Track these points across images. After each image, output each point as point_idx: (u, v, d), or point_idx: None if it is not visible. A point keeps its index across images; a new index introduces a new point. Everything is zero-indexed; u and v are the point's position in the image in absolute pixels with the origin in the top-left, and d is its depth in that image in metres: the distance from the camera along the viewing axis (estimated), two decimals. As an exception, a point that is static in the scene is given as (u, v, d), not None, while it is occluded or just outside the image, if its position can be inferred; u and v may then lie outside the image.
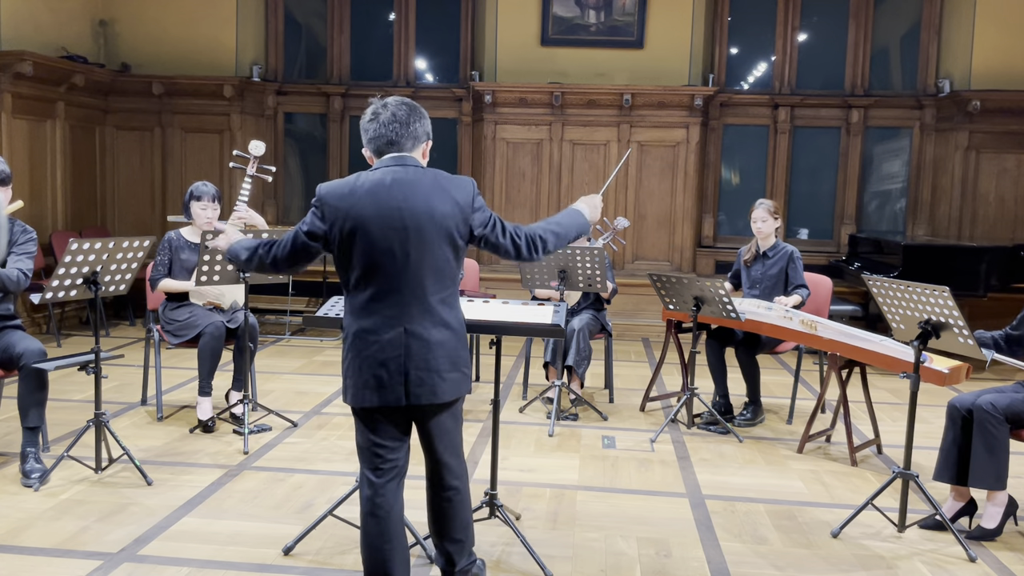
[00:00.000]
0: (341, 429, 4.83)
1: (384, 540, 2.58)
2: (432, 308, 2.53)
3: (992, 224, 8.11)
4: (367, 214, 2.48)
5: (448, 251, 2.54)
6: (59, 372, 3.98)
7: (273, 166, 5.35)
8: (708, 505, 3.84)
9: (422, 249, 2.49)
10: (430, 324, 2.53)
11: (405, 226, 2.47)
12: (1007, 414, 3.46)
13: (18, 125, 7.24)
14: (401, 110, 2.59)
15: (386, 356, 2.50)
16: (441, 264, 2.53)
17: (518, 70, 8.34)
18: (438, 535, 2.77)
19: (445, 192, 2.53)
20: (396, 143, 2.59)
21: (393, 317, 2.50)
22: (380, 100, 2.64)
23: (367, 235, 2.47)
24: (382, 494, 2.59)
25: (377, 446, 2.59)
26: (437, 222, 2.50)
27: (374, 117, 2.61)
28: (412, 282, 2.50)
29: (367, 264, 2.49)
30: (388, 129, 2.58)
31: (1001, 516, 3.52)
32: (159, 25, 8.48)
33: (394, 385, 2.50)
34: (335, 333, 7.68)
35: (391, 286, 2.49)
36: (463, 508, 2.75)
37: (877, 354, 4.25)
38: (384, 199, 2.49)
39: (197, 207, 4.83)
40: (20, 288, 3.89)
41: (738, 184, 8.82)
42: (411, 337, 2.50)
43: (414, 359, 2.50)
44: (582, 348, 5.17)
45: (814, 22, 8.67)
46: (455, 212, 2.53)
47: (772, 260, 5.14)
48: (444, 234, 2.52)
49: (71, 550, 3.20)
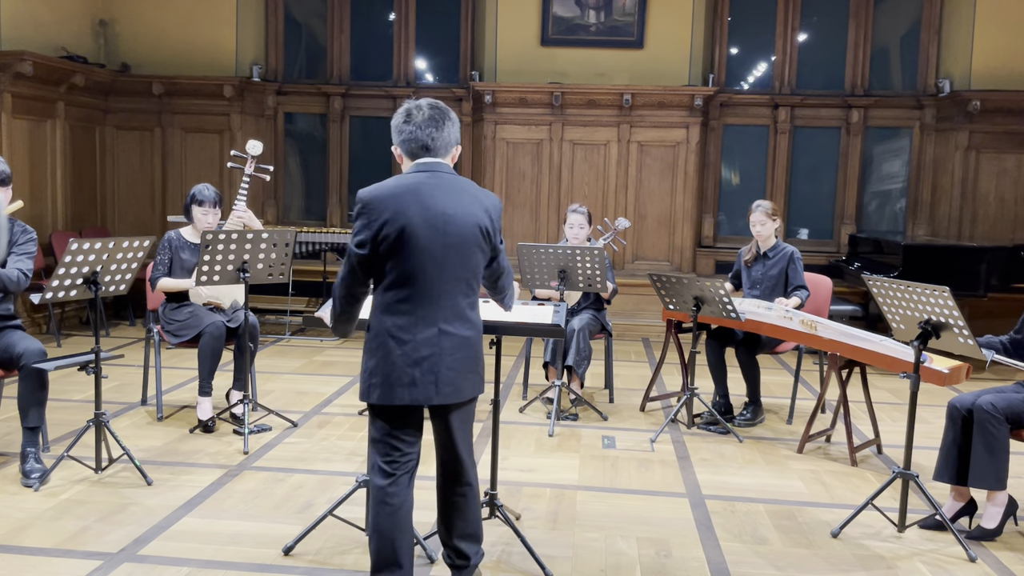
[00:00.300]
0: (341, 429, 4.83)
1: (396, 531, 2.64)
2: (462, 310, 2.63)
3: (992, 224, 8.11)
4: (414, 218, 2.53)
5: (479, 258, 2.66)
6: (59, 372, 3.98)
7: (271, 165, 5.36)
8: (708, 505, 3.84)
9: (460, 254, 2.59)
10: (460, 325, 2.62)
11: (447, 231, 2.56)
12: (1007, 414, 3.46)
13: (18, 125, 7.24)
14: (436, 115, 2.64)
15: (420, 355, 2.56)
16: (473, 269, 2.64)
17: (518, 70, 8.34)
18: (450, 533, 2.81)
19: (481, 205, 2.64)
20: (430, 148, 2.64)
21: (428, 317, 2.57)
22: (414, 100, 2.68)
23: (413, 237, 2.52)
24: (396, 486, 2.64)
25: (396, 440, 2.65)
26: (473, 231, 2.60)
27: (408, 119, 2.64)
28: (448, 284, 2.59)
29: (409, 265, 2.54)
30: (423, 133, 2.62)
31: (1001, 516, 3.52)
32: (159, 25, 8.48)
33: (426, 384, 2.57)
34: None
35: (429, 287, 2.56)
36: (476, 504, 2.83)
37: (877, 354, 4.25)
38: (429, 204, 2.55)
39: (199, 212, 4.82)
40: (20, 288, 3.89)
41: (738, 184, 8.82)
42: (444, 336, 2.59)
43: (445, 358, 2.59)
44: (582, 348, 5.17)
45: (814, 22, 8.67)
46: (487, 224, 2.65)
47: (772, 261, 5.14)
48: (477, 242, 2.62)
49: (71, 550, 3.20)
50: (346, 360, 6.70)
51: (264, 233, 4.50)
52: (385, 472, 2.64)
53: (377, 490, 2.65)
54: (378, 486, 2.65)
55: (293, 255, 5.31)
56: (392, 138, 2.69)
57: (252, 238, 4.43)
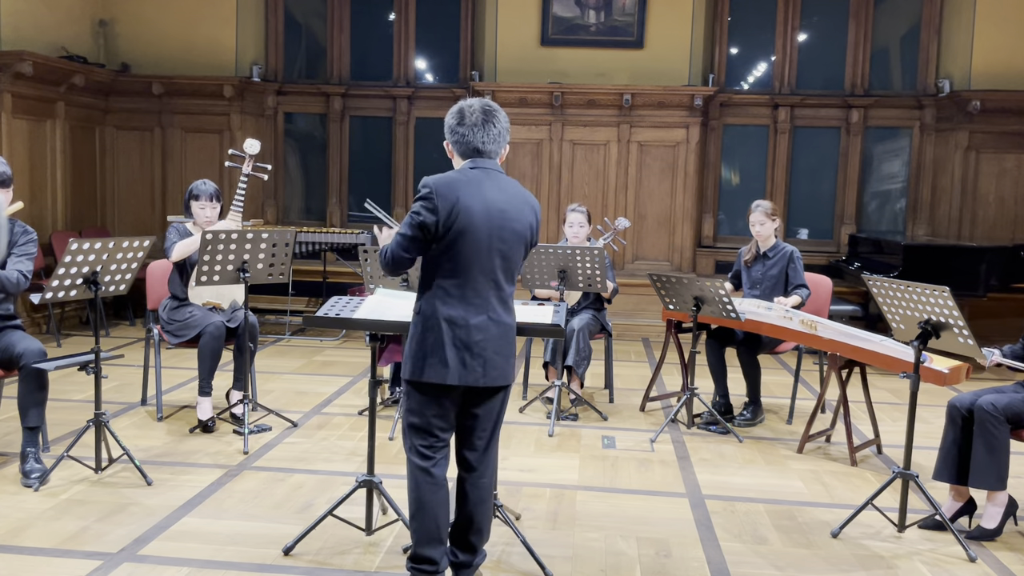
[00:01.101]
0: (341, 429, 4.83)
1: (439, 506, 2.76)
2: (506, 299, 2.79)
3: (992, 224, 8.11)
4: (476, 210, 2.66)
5: (524, 252, 2.83)
6: (59, 372, 3.98)
7: (269, 164, 5.35)
8: (708, 505, 3.84)
9: (510, 248, 2.74)
10: (504, 312, 2.77)
11: (503, 227, 2.71)
12: (1007, 414, 3.46)
13: (18, 125, 7.24)
14: (487, 118, 2.77)
15: (472, 339, 2.69)
16: (515, 263, 2.79)
17: (518, 70, 8.34)
18: (464, 527, 2.86)
19: (529, 204, 2.81)
20: (483, 152, 2.77)
21: (480, 306, 2.71)
22: (466, 101, 2.80)
23: (474, 229, 2.66)
24: (437, 468, 2.77)
25: (436, 420, 2.76)
26: (521, 227, 2.76)
27: (461, 121, 2.76)
28: (497, 276, 2.73)
29: (467, 255, 2.67)
30: (476, 137, 2.75)
31: (1001, 516, 3.52)
32: (159, 25, 8.47)
33: (475, 366, 2.70)
34: (335, 333, 7.68)
35: (480, 276, 2.70)
36: (490, 496, 2.92)
37: (877, 354, 4.25)
38: (490, 199, 2.70)
39: (196, 206, 4.82)
40: (20, 290, 3.89)
41: (738, 184, 8.82)
42: (493, 323, 2.73)
43: (493, 343, 2.73)
44: (582, 348, 5.17)
45: (814, 22, 8.67)
46: (532, 223, 2.82)
47: (772, 260, 5.14)
48: (522, 238, 2.78)
49: (71, 550, 3.20)
50: (346, 360, 6.70)
51: (264, 233, 4.50)
52: (424, 455, 2.77)
53: (418, 470, 2.77)
54: (420, 466, 2.77)
55: (293, 255, 5.31)
56: (445, 135, 2.81)
57: (252, 238, 4.43)
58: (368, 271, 4.92)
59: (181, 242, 4.72)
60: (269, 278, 4.60)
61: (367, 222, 9.07)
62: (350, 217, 9.16)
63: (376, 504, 3.47)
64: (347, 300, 3.29)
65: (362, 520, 3.37)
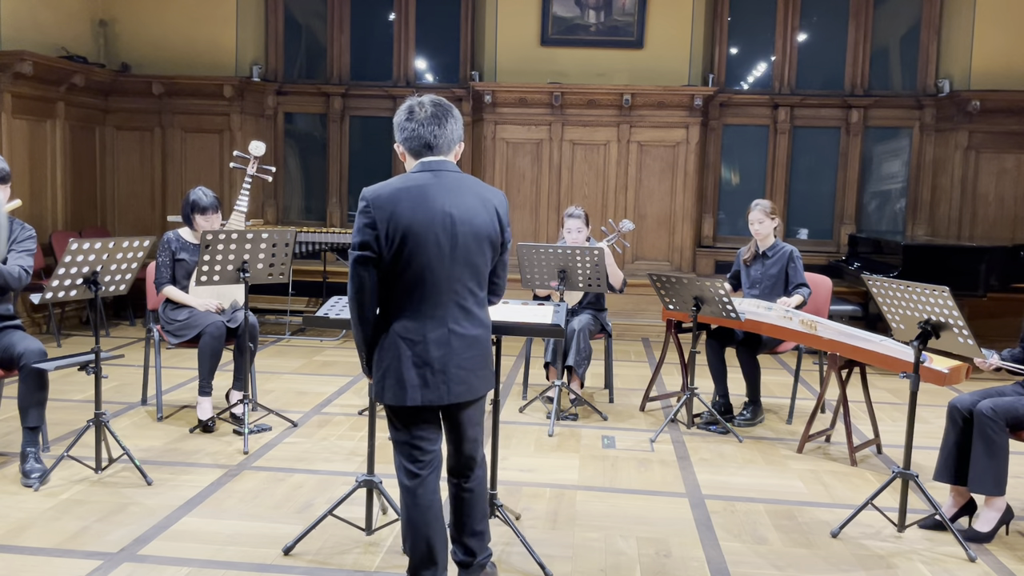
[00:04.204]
0: (341, 429, 4.83)
1: (429, 528, 2.67)
2: (469, 309, 2.63)
3: (992, 224, 8.11)
4: (418, 218, 2.51)
5: (486, 255, 2.65)
6: (59, 372, 3.98)
7: (273, 166, 5.35)
8: (708, 505, 3.84)
9: (466, 253, 2.58)
10: (468, 324, 2.62)
11: (452, 232, 2.54)
12: (1007, 418, 3.45)
13: (18, 125, 7.24)
14: (438, 112, 2.63)
15: (431, 356, 2.56)
16: (480, 268, 2.63)
17: (518, 70, 8.34)
18: (459, 529, 2.84)
19: (487, 202, 2.64)
20: (433, 147, 2.62)
21: (438, 318, 2.57)
22: (416, 98, 2.66)
23: (417, 238, 2.51)
24: (423, 486, 2.67)
25: (417, 440, 2.67)
26: (479, 228, 2.60)
27: (410, 116, 2.62)
28: (455, 284, 2.58)
29: (416, 266, 2.53)
30: (426, 131, 2.60)
31: (996, 522, 3.51)
32: (159, 25, 8.47)
33: (437, 384, 2.57)
34: (335, 333, 7.68)
35: (436, 289, 2.56)
36: (483, 500, 2.86)
37: (877, 354, 4.25)
38: (434, 205, 2.53)
39: (201, 220, 4.82)
40: (22, 284, 3.89)
41: (738, 184, 8.82)
42: (454, 336, 2.59)
43: (455, 358, 2.59)
44: (582, 348, 5.17)
45: (814, 22, 8.67)
46: (494, 221, 2.64)
47: (772, 260, 5.14)
48: (484, 240, 2.62)
49: (71, 550, 3.20)
50: (346, 360, 6.70)
51: (264, 233, 4.50)
52: (411, 473, 2.67)
53: (405, 491, 2.68)
54: (406, 487, 2.68)
55: (293, 255, 5.31)
56: (395, 136, 2.68)
57: (252, 238, 4.43)
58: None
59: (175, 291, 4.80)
60: (269, 278, 4.60)
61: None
62: (350, 217, 9.16)
63: (376, 504, 3.47)
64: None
65: (362, 520, 3.37)
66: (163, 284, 4.80)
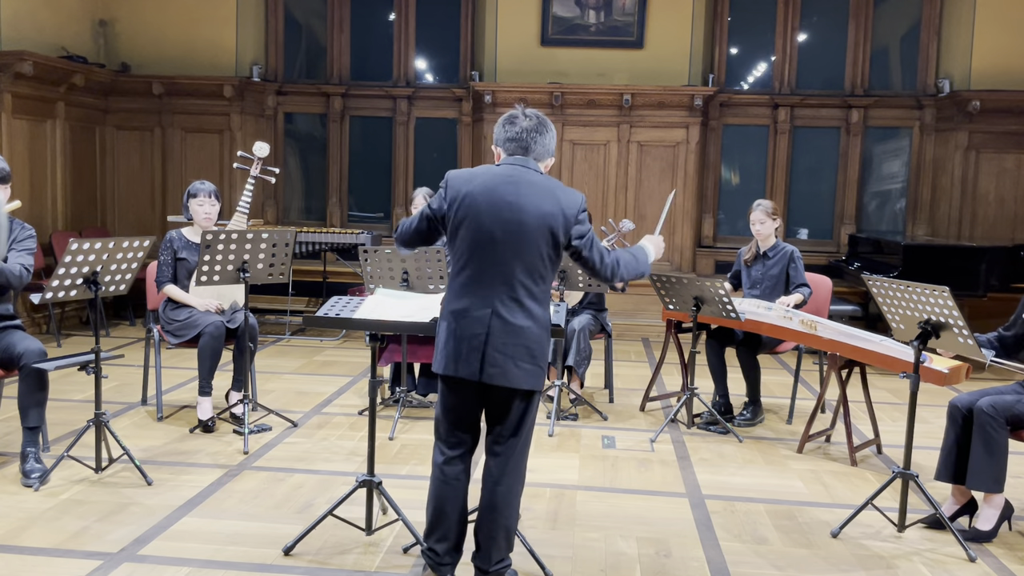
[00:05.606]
0: (341, 429, 4.83)
1: (447, 501, 2.82)
2: (520, 298, 2.71)
3: (992, 224, 8.11)
4: (481, 202, 2.70)
5: (545, 249, 2.72)
6: (59, 372, 3.98)
7: (276, 167, 5.34)
8: (708, 505, 3.84)
9: (520, 242, 2.69)
10: (517, 313, 2.71)
11: (510, 219, 2.68)
12: (1007, 416, 3.46)
13: (18, 125, 7.24)
14: (540, 124, 2.81)
15: (472, 332, 2.69)
16: (535, 259, 2.71)
17: (518, 70, 8.34)
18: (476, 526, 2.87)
19: (554, 197, 2.74)
20: (529, 151, 2.80)
21: (485, 298, 2.70)
22: (521, 108, 2.85)
23: (476, 220, 2.69)
24: (450, 466, 2.82)
25: (452, 414, 2.81)
26: (540, 220, 2.69)
27: (513, 122, 2.81)
28: (506, 270, 2.70)
29: (471, 248, 2.71)
30: (528, 136, 2.79)
31: (997, 519, 3.52)
32: (159, 25, 8.47)
33: (472, 360, 2.69)
34: (335, 333, 7.69)
35: (486, 270, 2.70)
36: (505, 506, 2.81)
37: (877, 354, 4.25)
38: (499, 191, 2.70)
39: (195, 204, 4.83)
40: (22, 283, 3.89)
41: (738, 184, 8.82)
42: (496, 319, 2.69)
43: (494, 340, 2.68)
44: (582, 348, 5.17)
45: (814, 22, 8.67)
46: (558, 215, 2.72)
47: (772, 260, 5.15)
48: (544, 232, 2.70)
49: (71, 550, 3.20)
50: (346, 360, 6.70)
51: (264, 233, 4.50)
52: (442, 451, 2.84)
53: (434, 464, 2.86)
54: (435, 460, 2.86)
55: (293, 255, 5.31)
56: (495, 139, 2.85)
57: (252, 238, 4.43)
58: (368, 271, 4.92)
59: (176, 290, 4.80)
60: (269, 278, 4.60)
61: (367, 222, 9.08)
62: (350, 217, 9.16)
63: (376, 504, 3.47)
64: (347, 300, 3.29)
65: (362, 520, 3.37)
66: (164, 283, 4.80)
